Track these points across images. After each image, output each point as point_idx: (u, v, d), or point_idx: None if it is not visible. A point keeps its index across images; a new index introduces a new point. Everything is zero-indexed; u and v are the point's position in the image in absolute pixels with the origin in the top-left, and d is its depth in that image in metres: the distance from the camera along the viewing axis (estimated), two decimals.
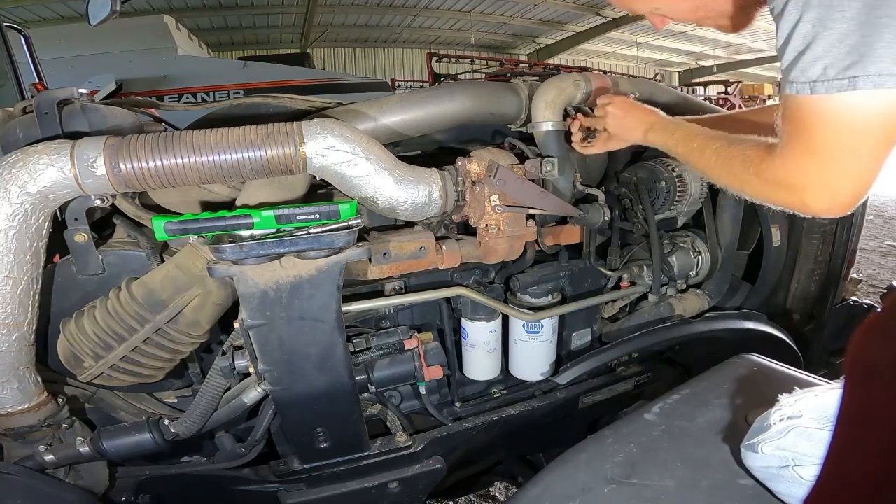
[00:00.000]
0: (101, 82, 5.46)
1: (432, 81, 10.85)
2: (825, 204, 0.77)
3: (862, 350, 0.70)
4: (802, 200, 0.79)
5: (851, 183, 0.74)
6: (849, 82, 0.66)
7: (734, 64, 18.72)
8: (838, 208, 0.77)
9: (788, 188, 0.79)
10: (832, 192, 0.75)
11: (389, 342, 1.24)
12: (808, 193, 0.77)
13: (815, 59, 0.68)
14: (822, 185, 0.75)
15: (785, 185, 0.80)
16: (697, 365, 1.34)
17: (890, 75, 0.64)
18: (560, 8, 14.01)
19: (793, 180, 0.78)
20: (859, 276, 2.24)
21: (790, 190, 0.79)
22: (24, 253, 0.94)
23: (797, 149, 0.76)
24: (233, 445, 1.23)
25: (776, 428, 0.86)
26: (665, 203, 1.51)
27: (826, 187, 0.75)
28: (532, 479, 0.98)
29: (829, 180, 0.74)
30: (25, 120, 1.07)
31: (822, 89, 0.68)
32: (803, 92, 0.70)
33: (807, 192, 0.77)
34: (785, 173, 0.79)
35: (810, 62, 0.68)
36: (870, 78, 0.65)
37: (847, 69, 0.65)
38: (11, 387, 1.01)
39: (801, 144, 0.75)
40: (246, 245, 0.95)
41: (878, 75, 0.64)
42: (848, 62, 0.65)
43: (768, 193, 0.85)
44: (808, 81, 0.69)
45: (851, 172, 0.73)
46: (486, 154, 1.23)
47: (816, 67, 0.68)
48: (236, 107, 1.30)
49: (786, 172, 0.79)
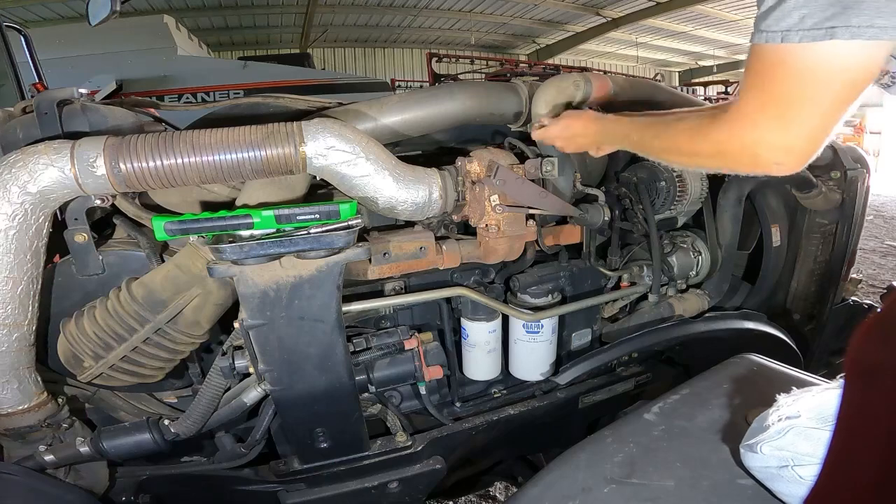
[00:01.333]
0: (101, 82, 5.46)
1: (432, 81, 10.84)
2: (778, 156, 0.75)
3: (862, 350, 0.70)
4: (754, 154, 0.76)
5: (807, 135, 0.72)
6: (825, 32, 0.64)
7: (734, 64, 18.70)
8: (792, 162, 0.75)
9: (740, 144, 0.77)
10: (786, 143, 0.73)
11: (389, 342, 1.24)
12: (760, 146, 0.75)
13: (793, 9, 0.66)
14: (776, 137, 0.73)
15: (736, 140, 0.78)
16: (697, 365, 1.34)
17: (869, 27, 0.63)
18: (560, 8, 13.99)
19: (744, 134, 0.76)
20: (859, 276, 2.24)
21: (742, 145, 0.77)
22: (24, 253, 0.94)
23: (753, 100, 0.74)
24: (233, 445, 1.23)
25: (775, 428, 0.85)
26: (665, 203, 1.51)
27: (780, 139, 0.73)
28: (532, 479, 0.98)
29: (785, 131, 0.72)
30: (25, 120, 1.07)
31: (796, 38, 0.67)
32: (773, 41, 0.69)
33: (760, 144, 0.75)
34: (737, 128, 0.77)
35: (787, 11, 0.67)
36: (848, 29, 0.64)
37: (828, 19, 0.64)
38: (11, 387, 1.01)
39: (759, 95, 0.73)
40: (246, 245, 0.95)
41: (857, 27, 0.63)
42: (829, 13, 0.64)
43: (721, 157, 0.83)
44: (780, 30, 0.68)
45: (809, 123, 0.71)
46: (486, 154, 1.24)
47: (793, 17, 0.66)
48: (236, 107, 1.30)
49: (738, 127, 0.77)
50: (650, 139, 0.99)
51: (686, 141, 0.88)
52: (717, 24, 15.17)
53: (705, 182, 1.56)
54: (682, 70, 19.90)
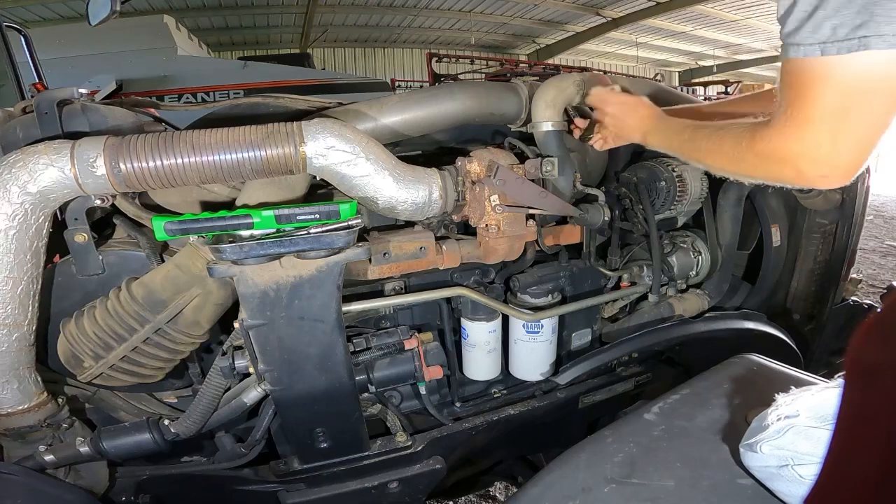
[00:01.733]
0: (101, 82, 5.46)
1: (432, 81, 10.84)
2: (824, 169, 0.74)
3: (862, 350, 0.70)
4: (798, 169, 0.76)
5: (854, 148, 0.72)
6: (859, 42, 0.64)
7: (734, 64, 18.72)
8: (838, 176, 0.74)
9: (783, 158, 0.77)
10: (833, 158, 0.73)
11: (389, 342, 1.24)
12: (804, 161, 0.75)
13: (824, 20, 0.66)
14: (823, 152, 0.73)
15: (780, 154, 0.77)
16: (697, 365, 1.34)
17: None
18: (560, 8, 14.00)
19: (789, 149, 0.76)
20: (859, 276, 2.24)
21: (786, 159, 0.77)
22: (24, 253, 0.94)
23: (797, 115, 0.73)
24: (233, 445, 1.23)
25: (774, 427, 0.85)
26: (665, 203, 1.51)
27: (827, 153, 0.72)
28: (532, 479, 0.98)
29: (832, 146, 0.72)
30: (25, 120, 1.07)
31: (833, 50, 0.66)
32: (812, 54, 0.68)
33: (803, 159, 0.75)
34: (781, 142, 0.77)
35: (819, 23, 0.66)
36: (883, 38, 0.63)
37: (857, 29, 0.64)
38: (11, 387, 1.01)
39: (804, 109, 0.72)
40: (246, 245, 0.95)
41: (892, 35, 0.63)
42: (858, 22, 0.64)
43: (764, 168, 0.83)
44: (817, 43, 0.67)
45: (856, 137, 0.71)
46: (486, 154, 1.23)
47: (825, 28, 0.66)
48: (236, 107, 1.30)
49: (782, 141, 0.76)
50: (689, 143, 1.00)
51: (731, 147, 0.87)
52: (717, 24, 15.18)
53: (705, 182, 1.56)
54: (682, 70, 19.91)
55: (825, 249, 1.83)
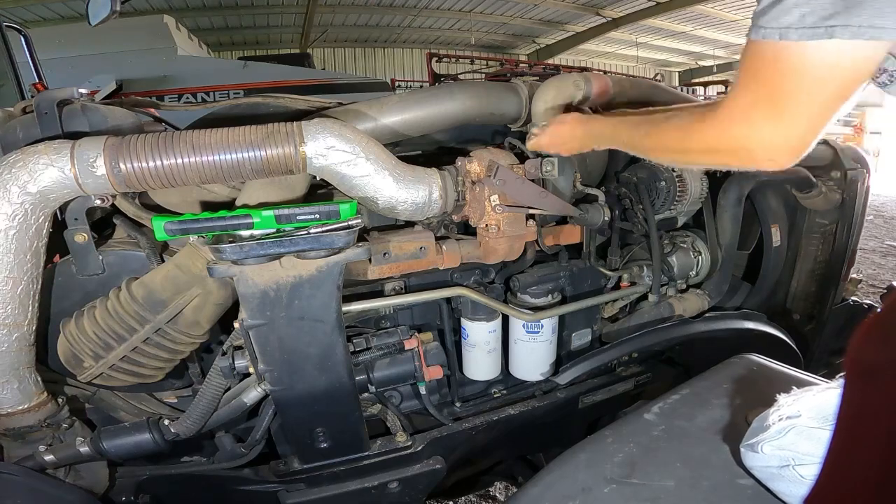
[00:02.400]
0: (101, 82, 5.46)
1: (432, 81, 10.84)
2: (770, 153, 0.75)
3: (862, 350, 0.70)
4: (747, 149, 0.76)
5: (800, 132, 0.72)
6: (825, 31, 0.64)
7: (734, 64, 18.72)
8: (783, 158, 0.75)
9: (733, 139, 0.77)
10: (778, 140, 0.74)
11: (389, 342, 1.24)
12: (753, 142, 0.75)
13: (793, 6, 0.66)
14: (769, 134, 0.73)
15: (728, 136, 0.78)
16: (697, 365, 1.34)
17: (869, 27, 0.63)
18: (560, 8, 13.99)
19: (737, 130, 0.76)
20: (859, 276, 2.24)
21: (735, 141, 0.77)
22: (24, 253, 0.94)
23: (747, 96, 0.74)
24: (233, 445, 1.23)
25: (775, 428, 0.85)
26: (665, 203, 1.51)
27: (773, 135, 0.73)
28: (532, 479, 0.98)
29: (778, 128, 0.73)
30: (25, 120, 1.07)
31: (795, 36, 0.66)
32: (771, 37, 0.68)
33: (752, 140, 0.75)
34: (729, 123, 0.77)
35: (787, 9, 0.66)
36: (848, 28, 0.63)
37: (828, 18, 0.64)
38: (11, 387, 1.01)
39: (755, 90, 0.73)
40: (246, 245, 0.95)
41: (858, 26, 0.63)
42: (830, 11, 0.64)
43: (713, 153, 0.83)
44: (778, 28, 0.67)
45: (802, 121, 0.72)
46: (486, 154, 1.23)
47: (793, 14, 0.66)
48: (236, 107, 1.30)
49: (730, 122, 0.77)
50: (640, 138, 0.98)
51: (676, 139, 0.88)
52: (717, 24, 15.17)
53: (705, 182, 1.56)
54: (682, 70, 19.89)
55: (825, 249, 1.83)
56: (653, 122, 0.95)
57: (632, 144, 1.01)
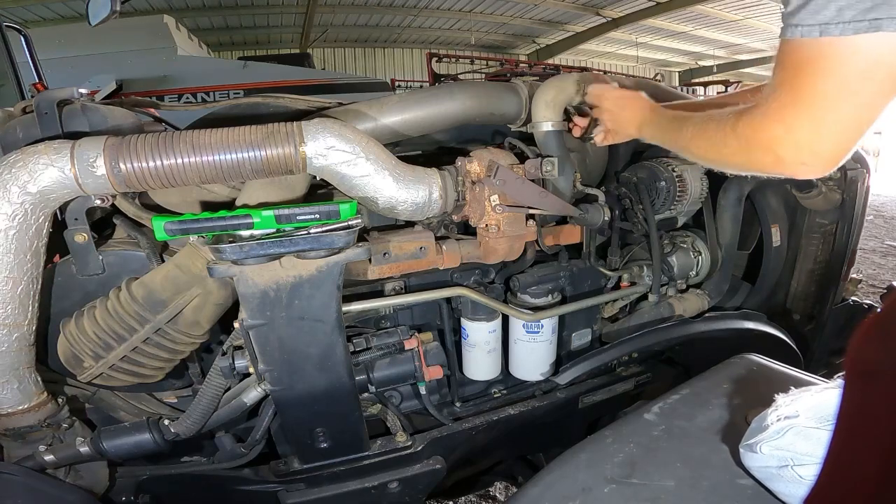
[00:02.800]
0: (101, 82, 5.46)
1: (432, 81, 10.84)
2: (804, 156, 0.71)
3: (862, 350, 0.70)
4: (777, 154, 0.73)
5: (840, 135, 0.69)
6: (869, 24, 0.62)
7: (734, 64, 18.71)
8: (819, 164, 0.71)
9: (764, 142, 0.74)
10: (815, 144, 0.70)
11: (389, 342, 1.24)
12: (786, 145, 0.71)
13: (829, 1, 0.64)
14: (806, 136, 0.70)
15: (761, 137, 0.74)
16: (697, 365, 1.34)
17: None
18: (560, 8, 13.99)
19: (771, 132, 0.73)
20: (859, 276, 2.24)
21: (766, 143, 0.74)
22: (24, 253, 0.94)
23: (785, 96, 0.71)
24: (233, 445, 1.23)
25: (774, 428, 0.85)
26: (665, 203, 1.51)
27: (809, 138, 0.70)
28: (532, 479, 0.98)
29: (817, 131, 0.69)
30: (25, 120, 1.07)
31: (836, 31, 0.64)
32: (810, 35, 0.65)
33: (785, 143, 0.71)
34: (764, 124, 0.73)
35: (823, 4, 0.64)
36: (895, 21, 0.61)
37: (870, 10, 0.62)
38: (11, 387, 1.01)
39: (792, 92, 0.70)
40: (246, 245, 0.95)
41: None
42: (870, 4, 0.62)
43: (743, 153, 0.79)
44: (818, 24, 0.65)
45: (844, 122, 0.68)
46: (486, 154, 1.23)
47: (830, 9, 0.64)
48: (236, 107, 1.30)
49: (765, 123, 0.73)
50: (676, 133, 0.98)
51: (715, 132, 0.85)
52: (717, 24, 15.17)
53: (705, 182, 1.56)
54: (682, 70, 19.90)
55: (825, 249, 1.83)
56: (694, 121, 0.93)
57: (675, 143, 1.01)
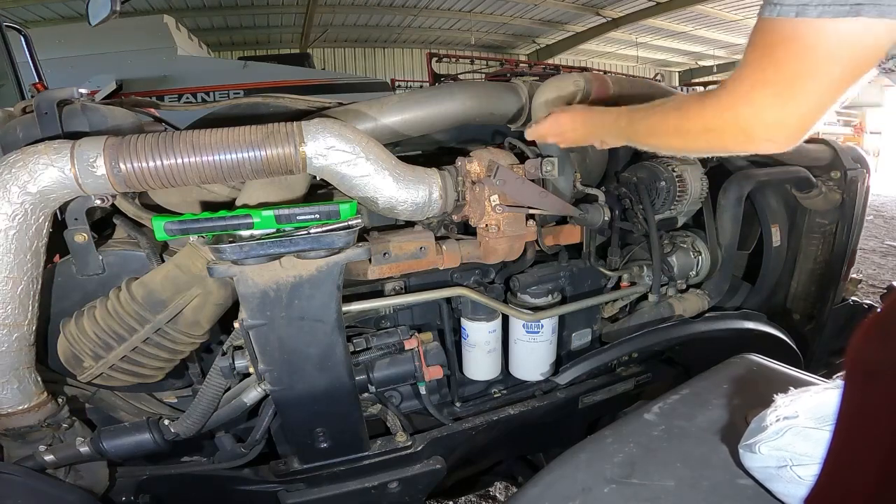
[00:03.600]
0: (101, 82, 5.45)
1: (432, 81, 10.84)
2: (770, 132, 0.73)
3: (862, 350, 0.70)
4: (745, 129, 0.74)
5: (804, 113, 0.70)
6: (850, 8, 0.62)
7: (734, 64, 18.70)
8: (783, 139, 0.73)
9: (731, 119, 0.75)
10: (781, 120, 0.71)
11: (389, 342, 1.24)
12: (753, 122, 0.73)
13: None
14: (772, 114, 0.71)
15: (728, 115, 0.75)
16: (697, 365, 1.34)
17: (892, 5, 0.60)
18: (560, 8, 13.99)
19: (737, 109, 0.74)
20: (859, 276, 2.24)
21: (733, 120, 0.75)
22: (24, 253, 0.94)
23: (752, 74, 0.72)
24: (233, 445, 1.23)
25: (773, 428, 0.86)
26: (665, 203, 1.51)
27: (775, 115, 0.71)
28: (532, 479, 0.98)
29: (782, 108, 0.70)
30: (25, 120, 1.07)
31: (814, 13, 0.64)
32: (787, 14, 0.66)
33: (753, 120, 0.73)
34: (730, 102, 0.74)
35: None
36: (877, 6, 0.61)
37: None
38: (11, 387, 1.01)
39: (760, 70, 0.71)
40: (246, 245, 0.95)
41: (887, 5, 0.61)
42: None
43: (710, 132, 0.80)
44: (795, 4, 0.65)
45: (808, 101, 0.69)
46: (486, 154, 1.23)
47: None
48: (236, 107, 1.30)
49: (731, 101, 0.74)
50: (639, 120, 0.97)
51: (675, 118, 0.86)
52: (717, 24, 15.17)
53: (705, 182, 1.56)
54: (682, 70, 19.88)
55: (825, 249, 1.83)
56: (653, 106, 0.93)
57: (632, 130, 1.00)
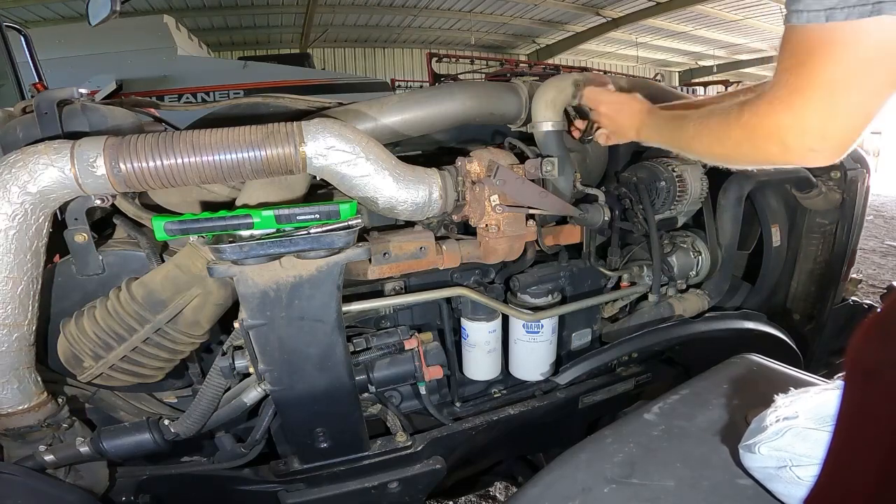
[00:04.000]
0: (101, 82, 5.46)
1: (432, 81, 10.85)
2: (813, 142, 0.70)
3: (861, 350, 0.70)
4: (784, 143, 0.72)
5: (850, 121, 0.68)
6: (871, 8, 0.61)
7: (734, 64, 18.72)
8: (828, 150, 0.70)
9: (770, 130, 0.73)
10: (824, 129, 0.69)
11: (389, 342, 1.24)
12: (793, 131, 0.70)
13: None
14: (814, 122, 0.69)
15: (767, 126, 0.73)
16: (697, 365, 1.34)
17: None
18: (560, 8, 14.00)
19: (777, 120, 0.72)
20: (859, 276, 2.24)
21: (772, 131, 0.73)
22: (24, 253, 0.94)
23: (791, 83, 0.70)
24: (233, 445, 1.23)
25: (773, 429, 0.85)
26: (665, 203, 1.51)
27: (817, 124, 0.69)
28: (532, 479, 0.98)
29: (826, 117, 0.68)
30: (25, 120, 1.07)
31: (841, 16, 0.63)
32: (816, 20, 0.64)
33: (791, 131, 0.71)
34: (770, 112, 0.72)
35: None
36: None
37: None
38: (11, 387, 1.01)
39: (800, 78, 0.68)
40: (246, 245, 0.95)
41: None
42: None
43: (748, 144, 0.78)
44: (823, 9, 0.64)
45: (853, 108, 0.67)
46: (486, 154, 1.23)
47: None
48: (236, 107, 1.30)
49: (771, 111, 0.72)
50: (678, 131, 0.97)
51: (718, 125, 0.84)
52: (717, 24, 15.18)
53: (705, 182, 1.56)
54: (682, 70, 19.90)
55: (825, 249, 1.83)
56: (695, 118, 0.93)
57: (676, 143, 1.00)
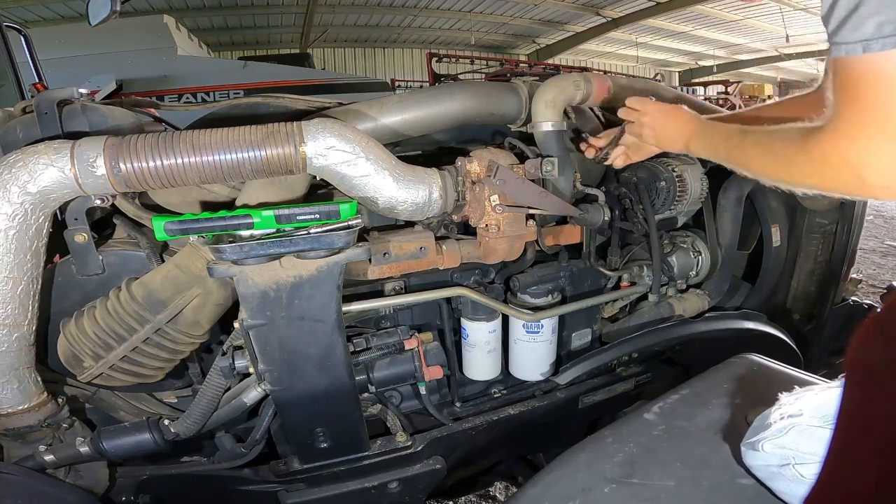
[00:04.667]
0: (101, 82, 5.46)
1: (432, 81, 10.85)
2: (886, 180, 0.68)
3: (861, 350, 0.70)
4: (859, 177, 0.70)
5: None
6: None
7: (734, 64, 18.74)
8: None
9: (841, 164, 0.71)
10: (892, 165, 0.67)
11: (389, 342, 1.24)
12: (865, 167, 0.69)
13: (867, 17, 0.63)
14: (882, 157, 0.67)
15: (837, 160, 0.72)
16: (697, 365, 1.34)
17: None
18: (560, 8, 14.01)
19: (846, 154, 0.70)
20: (859, 276, 2.24)
21: (843, 166, 0.71)
22: (24, 253, 0.94)
23: (851, 116, 0.69)
24: (233, 445, 1.23)
25: (777, 426, 0.85)
26: (665, 203, 1.50)
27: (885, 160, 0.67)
28: (532, 479, 0.98)
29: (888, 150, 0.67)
30: (25, 120, 1.07)
31: (877, 46, 0.63)
32: (854, 52, 0.65)
33: (864, 165, 0.69)
34: (836, 146, 0.71)
35: (862, 20, 0.64)
36: None
37: None
38: (11, 387, 1.01)
39: (856, 110, 0.68)
40: (246, 245, 0.95)
41: None
42: None
43: (819, 175, 0.77)
44: (859, 41, 0.64)
45: None
46: (486, 154, 1.23)
47: (869, 25, 0.63)
48: (236, 107, 1.30)
49: (837, 145, 0.71)
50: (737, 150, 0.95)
51: (783, 150, 0.83)
52: (717, 24, 15.19)
53: (705, 182, 1.56)
54: (682, 70, 19.91)
55: (825, 249, 1.83)
56: (757, 137, 0.91)
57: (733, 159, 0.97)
